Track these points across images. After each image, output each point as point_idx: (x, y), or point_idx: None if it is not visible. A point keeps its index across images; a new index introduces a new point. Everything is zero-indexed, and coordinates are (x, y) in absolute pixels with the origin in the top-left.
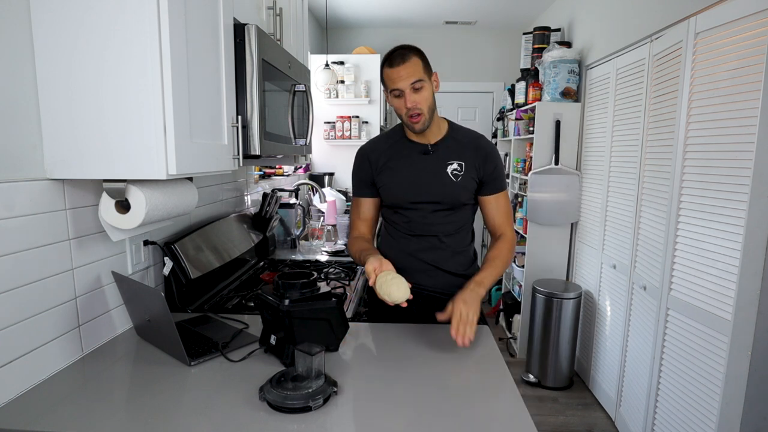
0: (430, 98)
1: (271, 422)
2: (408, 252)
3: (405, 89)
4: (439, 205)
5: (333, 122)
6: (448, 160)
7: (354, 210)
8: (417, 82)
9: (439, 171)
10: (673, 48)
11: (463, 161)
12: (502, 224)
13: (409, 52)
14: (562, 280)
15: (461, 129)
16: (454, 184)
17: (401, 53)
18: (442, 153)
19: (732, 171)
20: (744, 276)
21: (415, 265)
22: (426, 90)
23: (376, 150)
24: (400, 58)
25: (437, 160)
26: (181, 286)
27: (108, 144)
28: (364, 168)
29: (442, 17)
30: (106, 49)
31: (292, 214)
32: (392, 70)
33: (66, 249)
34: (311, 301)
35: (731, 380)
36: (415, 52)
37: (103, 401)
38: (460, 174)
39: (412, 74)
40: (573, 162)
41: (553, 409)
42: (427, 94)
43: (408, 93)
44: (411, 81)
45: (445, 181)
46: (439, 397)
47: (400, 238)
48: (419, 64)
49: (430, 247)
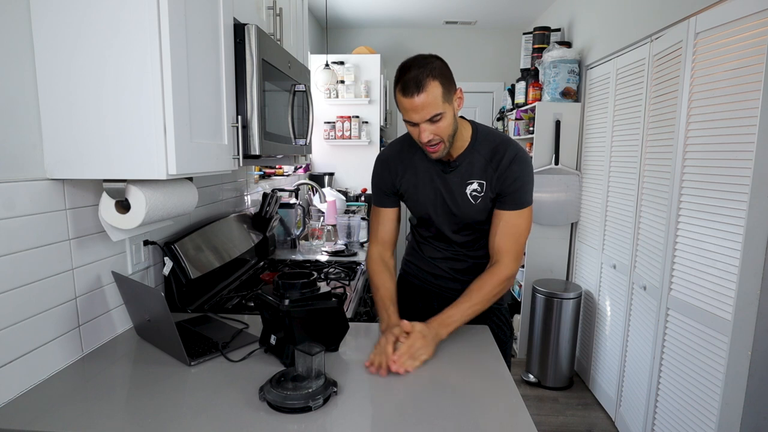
0: (451, 126)
1: (271, 422)
2: (429, 257)
3: (417, 121)
4: (457, 224)
5: (333, 122)
6: (469, 179)
7: (374, 220)
8: (435, 116)
9: (459, 191)
10: (673, 48)
11: (484, 180)
12: (501, 249)
13: (426, 76)
14: (562, 280)
15: (485, 137)
16: (473, 206)
17: (416, 80)
18: (464, 170)
19: (732, 171)
20: (744, 276)
21: (437, 271)
22: (446, 119)
23: (397, 159)
24: (415, 86)
25: (458, 178)
26: (181, 286)
27: (108, 144)
28: (384, 177)
29: (442, 17)
30: (106, 48)
31: (292, 214)
32: (405, 100)
33: (66, 249)
34: (311, 301)
35: (731, 380)
36: (435, 75)
37: (103, 401)
38: (480, 195)
39: (428, 107)
40: (573, 162)
41: (553, 409)
42: (446, 124)
43: (424, 125)
44: (427, 116)
45: (464, 204)
46: (439, 397)
47: (423, 243)
48: (437, 93)
49: (450, 257)
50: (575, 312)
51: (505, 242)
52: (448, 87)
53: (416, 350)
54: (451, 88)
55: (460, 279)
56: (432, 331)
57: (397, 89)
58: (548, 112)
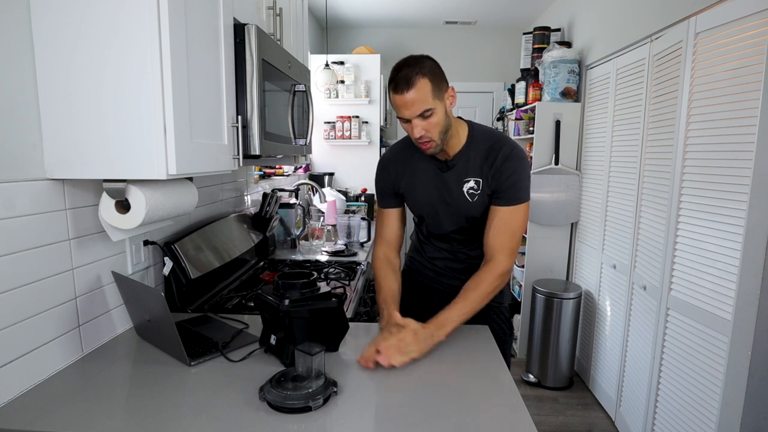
0: (441, 122)
1: (271, 422)
2: (430, 256)
3: (409, 117)
4: (455, 223)
5: (333, 122)
6: (465, 177)
7: (378, 221)
8: (425, 111)
9: (456, 189)
10: (673, 48)
11: (480, 178)
12: (496, 246)
13: (416, 74)
14: (562, 280)
15: (482, 136)
16: (470, 204)
17: (406, 77)
18: (460, 168)
19: (732, 171)
20: (744, 276)
21: (437, 270)
22: (436, 115)
23: (396, 161)
24: (405, 83)
25: (454, 176)
26: (181, 286)
27: (108, 144)
28: (386, 179)
29: (442, 17)
30: (106, 48)
31: (292, 214)
32: (397, 97)
33: (66, 249)
34: (311, 301)
35: (731, 380)
36: (424, 73)
37: (103, 401)
38: (476, 193)
39: (418, 102)
40: (573, 162)
41: (553, 409)
42: (437, 120)
43: (416, 121)
44: (417, 111)
45: (461, 201)
46: (439, 397)
47: (424, 242)
48: (427, 89)
49: (448, 257)
50: (575, 312)
51: (500, 238)
52: (438, 84)
53: (405, 345)
54: (441, 85)
55: (460, 277)
56: (427, 332)
57: (390, 88)
58: (548, 112)
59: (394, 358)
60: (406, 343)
